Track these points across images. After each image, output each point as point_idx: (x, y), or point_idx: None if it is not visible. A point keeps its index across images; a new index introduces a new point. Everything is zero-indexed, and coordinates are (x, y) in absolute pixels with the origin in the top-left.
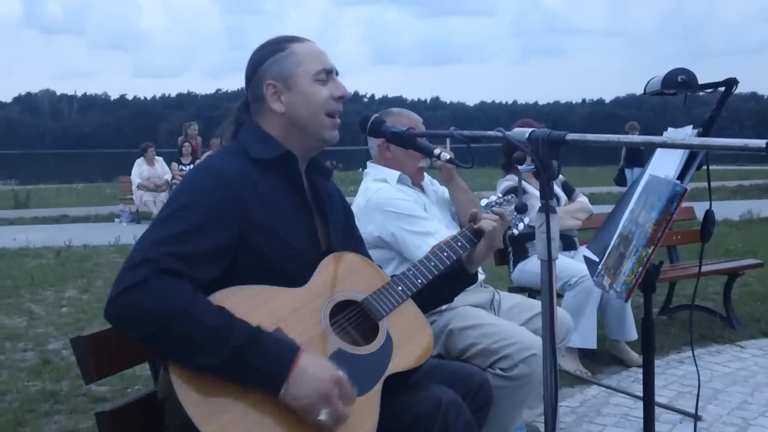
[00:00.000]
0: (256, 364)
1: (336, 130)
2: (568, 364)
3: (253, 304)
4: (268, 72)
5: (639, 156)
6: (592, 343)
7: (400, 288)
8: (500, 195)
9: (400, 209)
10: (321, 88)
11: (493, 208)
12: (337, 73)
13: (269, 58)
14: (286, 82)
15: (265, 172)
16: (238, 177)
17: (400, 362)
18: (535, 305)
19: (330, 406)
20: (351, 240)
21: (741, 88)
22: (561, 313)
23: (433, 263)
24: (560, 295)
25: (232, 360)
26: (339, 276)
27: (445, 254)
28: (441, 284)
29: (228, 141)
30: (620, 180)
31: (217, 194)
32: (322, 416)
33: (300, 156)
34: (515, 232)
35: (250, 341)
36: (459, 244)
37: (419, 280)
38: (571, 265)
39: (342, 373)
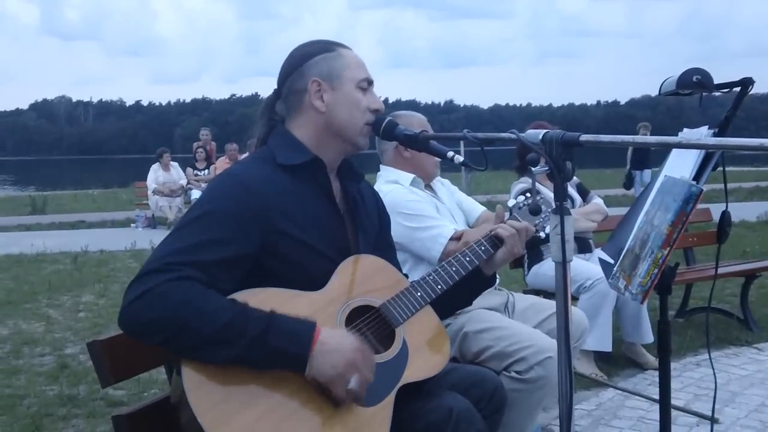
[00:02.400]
0: (278, 346)
1: (367, 137)
2: (584, 367)
3: (270, 307)
4: (315, 68)
5: (645, 158)
6: (607, 346)
7: (419, 294)
8: (527, 196)
9: (413, 210)
10: (362, 97)
11: (511, 220)
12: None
13: (318, 55)
14: (331, 82)
15: (293, 178)
16: (263, 184)
17: (415, 371)
18: (550, 305)
19: (357, 373)
20: (382, 246)
21: (758, 89)
22: (576, 313)
23: (454, 268)
24: (575, 298)
25: (253, 347)
26: (357, 279)
27: (467, 259)
28: (458, 288)
29: (258, 144)
30: (628, 184)
31: (239, 203)
32: (352, 384)
33: (329, 162)
34: (542, 235)
35: (267, 326)
36: (483, 248)
37: (439, 286)
38: (587, 267)
39: (360, 340)
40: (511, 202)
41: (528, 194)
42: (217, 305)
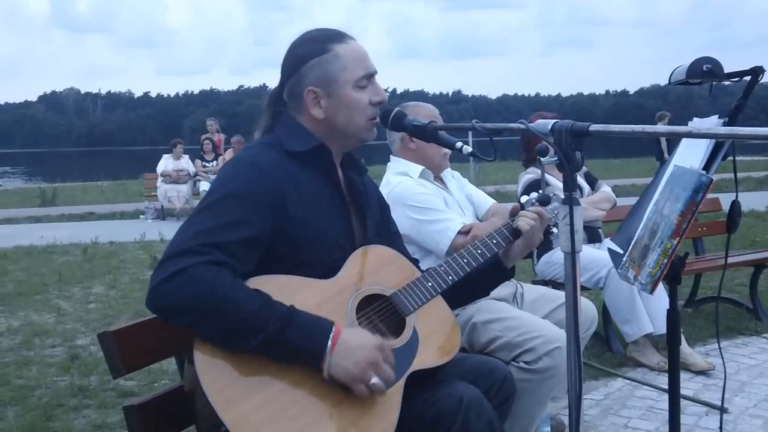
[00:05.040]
0: (295, 342)
1: (374, 129)
2: (648, 358)
3: (280, 295)
4: (310, 75)
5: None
6: (661, 328)
7: (429, 284)
8: (540, 192)
9: (421, 203)
10: (361, 96)
11: (532, 207)
12: (376, 73)
13: (312, 59)
14: (327, 88)
15: (300, 164)
16: (275, 168)
17: (425, 359)
18: (560, 296)
19: (379, 370)
20: (387, 235)
21: None
22: (585, 303)
23: (465, 260)
24: (586, 288)
25: (272, 340)
26: (368, 269)
27: (479, 251)
28: (476, 278)
29: (263, 133)
30: None
31: (255, 184)
32: (375, 380)
33: (335, 151)
34: (555, 230)
35: (288, 321)
36: (494, 241)
37: (450, 277)
38: (598, 256)
39: (380, 339)
40: (523, 198)
41: (540, 192)
42: (245, 295)
